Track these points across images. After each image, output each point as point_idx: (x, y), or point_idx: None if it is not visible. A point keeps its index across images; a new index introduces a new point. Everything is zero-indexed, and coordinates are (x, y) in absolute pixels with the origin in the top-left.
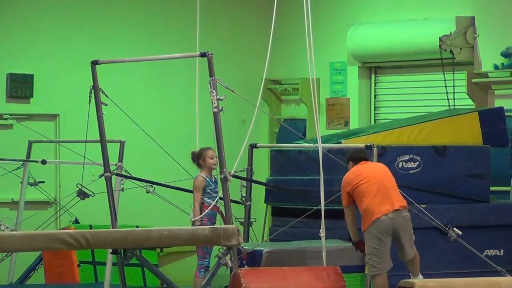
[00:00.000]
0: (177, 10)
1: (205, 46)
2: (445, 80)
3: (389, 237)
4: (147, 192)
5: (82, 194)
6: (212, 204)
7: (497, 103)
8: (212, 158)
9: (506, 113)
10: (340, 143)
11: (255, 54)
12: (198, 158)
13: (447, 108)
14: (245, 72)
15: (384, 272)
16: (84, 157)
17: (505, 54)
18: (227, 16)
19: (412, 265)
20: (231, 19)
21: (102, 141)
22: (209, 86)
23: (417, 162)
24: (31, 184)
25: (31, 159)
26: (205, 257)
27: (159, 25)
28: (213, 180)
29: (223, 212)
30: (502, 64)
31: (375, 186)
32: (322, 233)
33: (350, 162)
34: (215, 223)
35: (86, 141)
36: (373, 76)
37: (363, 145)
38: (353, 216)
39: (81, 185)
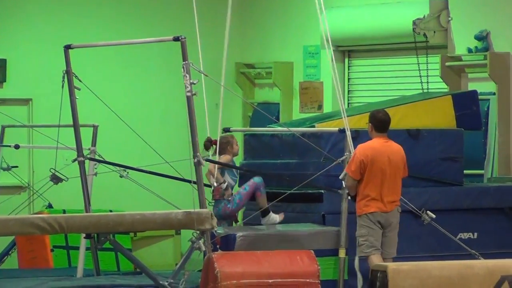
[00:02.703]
0: None
1: (178, 30)
2: (418, 64)
3: (380, 226)
4: (121, 177)
5: (56, 179)
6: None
7: (471, 87)
8: (237, 145)
9: (480, 97)
10: (314, 126)
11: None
12: (226, 144)
13: (421, 91)
14: (219, 56)
15: (379, 252)
16: (58, 141)
17: (479, 37)
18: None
19: None
20: (204, 3)
21: (75, 126)
22: (182, 71)
23: None
24: (4, 169)
25: (4, 143)
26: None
27: (132, 9)
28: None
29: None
30: (476, 47)
31: (385, 178)
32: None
33: (371, 124)
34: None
35: (59, 126)
36: (346, 60)
37: (337, 128)
38: (355, 188)
39: (55, 169)
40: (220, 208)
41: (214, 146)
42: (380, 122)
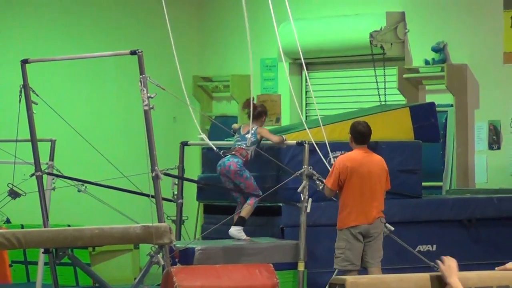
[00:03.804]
0: (108, 10)
1: (134, 43)
2: (376, 76)
3: (362, 239)
4: (79, 191)
5: (14, 194)
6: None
7: (428, 98)
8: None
9: (437, 108)
10: None
11: (185, 52)
12: (264, 113)
13: (378, 103)
14: (175, 69)
15: (357, 268)
16: (15, 156)
17: (436, 49)
18: (158, 13)
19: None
20: (161, 16)
21: (33, 140)
22: (139, 84)
23: None
24: None
25: None
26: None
27: (90, 23)
28: None
29: None
30: (433, 59)
31: (365, 189)
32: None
33: (351, 136)
34: None
35: (16, 141)
36: (304, 73)
37: (295, 141)
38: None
39: (12, 184)
40: (229, 159)
41: (248, 110)
42: (359, 134)
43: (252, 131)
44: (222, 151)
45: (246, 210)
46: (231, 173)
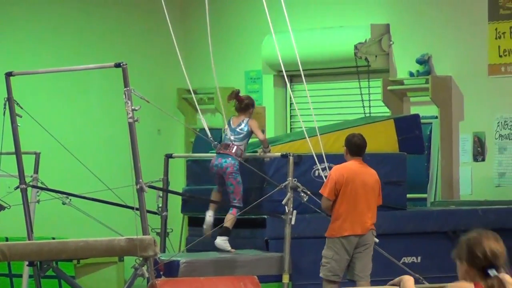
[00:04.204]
0: (93, 23)
1: (119, 56)
2: (360, 88)
3: (351, 252)
4: (63, 204)
5: None
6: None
7: (413, 110)
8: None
9: (422, 120)
10: (256, 152)
11: (169, 64)
12: (251, 105)
13: (363, 115)
14: (160, 82)
15: (339, 280)
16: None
17: (420, 61)
18: (141, 26)
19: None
20: (145, 29)
21: (17, 153)
22: (124, 97)
23: None
24: None
25: None
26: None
27: (74, 37)
28: None
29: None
30: (418, 71)
31: (359, 199)
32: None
33: (346, 148)
34: None
35: (1, 153)
36: (288, 85)
37: (279, 153)
38: (331, 209)
39: None
40: (227, 161)
41: (236, 102)
42: (355, 146)
43: (244, 123)
44: (215, 143)
45: (230, 220)
46: (226, 174)
